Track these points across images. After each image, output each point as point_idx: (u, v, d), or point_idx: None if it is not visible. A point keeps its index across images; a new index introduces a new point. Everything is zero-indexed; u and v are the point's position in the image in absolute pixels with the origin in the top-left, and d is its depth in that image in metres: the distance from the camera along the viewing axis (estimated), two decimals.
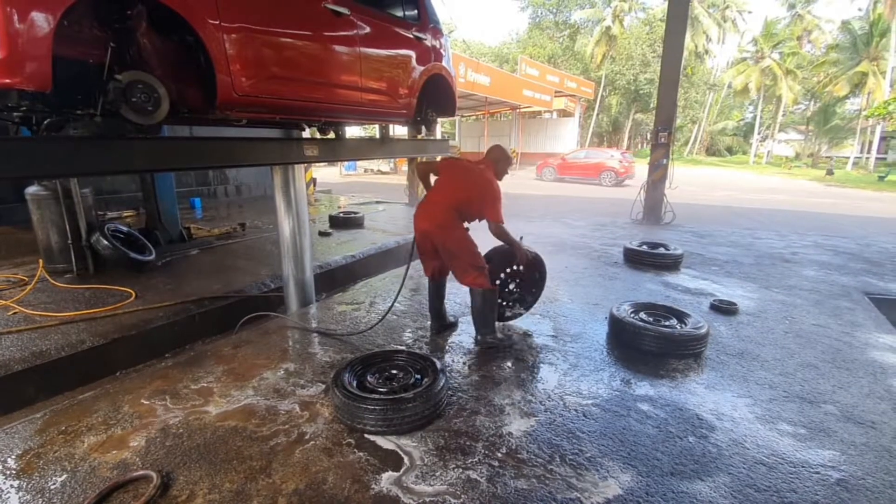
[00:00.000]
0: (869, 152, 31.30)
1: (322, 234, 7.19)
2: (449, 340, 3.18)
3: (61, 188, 4.52)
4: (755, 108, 40.13)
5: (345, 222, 7.80)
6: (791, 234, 7.31)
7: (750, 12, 38.09)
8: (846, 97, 32.37)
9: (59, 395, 3.02)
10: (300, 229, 4.25)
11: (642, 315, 3.22)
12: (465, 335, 3.28)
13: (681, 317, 3.18)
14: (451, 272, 3.09)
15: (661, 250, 5.16)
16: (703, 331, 2.94)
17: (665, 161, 7.80)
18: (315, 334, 3.35)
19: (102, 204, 8.18)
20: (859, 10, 30.55)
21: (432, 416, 2.21)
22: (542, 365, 2.84)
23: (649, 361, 2.88)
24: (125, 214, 7.55)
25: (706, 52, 38.31)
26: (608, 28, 36.25)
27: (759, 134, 38.67)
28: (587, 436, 2.15)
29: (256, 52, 2.67)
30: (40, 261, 4.66)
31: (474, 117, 28.38)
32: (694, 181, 19.05)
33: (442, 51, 4.33)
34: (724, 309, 3.80)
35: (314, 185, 13.36)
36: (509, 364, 2.85)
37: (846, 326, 3.57)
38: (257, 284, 4.67)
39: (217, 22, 2.36)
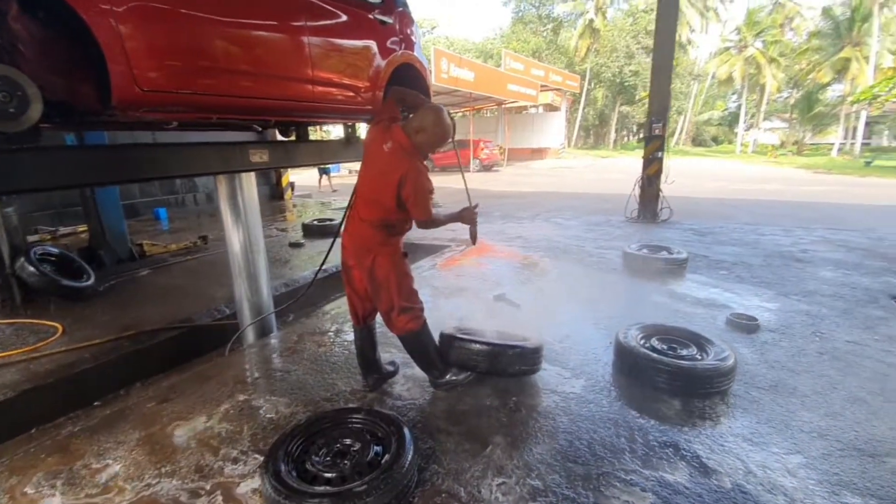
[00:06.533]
0: (853, 138, 31.28)
1: (293, 245, 6.61)
2: (421, 379, 2.63)
3: None
4: (739, 98, 40.11)
5: (319, 231, 7.22)
6: (796, 228, 6.88)
7: (731, 1, 38.08)
8: (829, 84, 32.33)
9: None
10: (252, 245, 3.67)
11: (654, 342, 2.70)
12: None
13: (700, 343, 2.67)
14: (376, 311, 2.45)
15: (664, 254, 4.66)
16: (730, 363, 2.43)
17: (660, 154, 7.33)
18: (262, 378, 2.78)
19: (54, 218, 7.53)
20: None
21: None
22: (538, 415, 2.30)
23: (667, 403, 2.37)
24: (61, 232, 6.86)
25: (689, 42, 38.18)
26: (591, 21, 35.93)
27: (744, 123, 38.61)
28: None
29: (169, 37, 2.09)
30: None
31: (460, 114, 27.85)
32: (684, 172, 18.67)
33: (413, 38, 3.76)
34: (743, 325, 3.30)
35: (292, 190, 12.74)
36: (498, 413, 2.31)
37: (884, 342, 3.10)
38: (210, 311, 4.09)
39: None
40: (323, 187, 15.62)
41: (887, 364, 2.80)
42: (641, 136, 44.32)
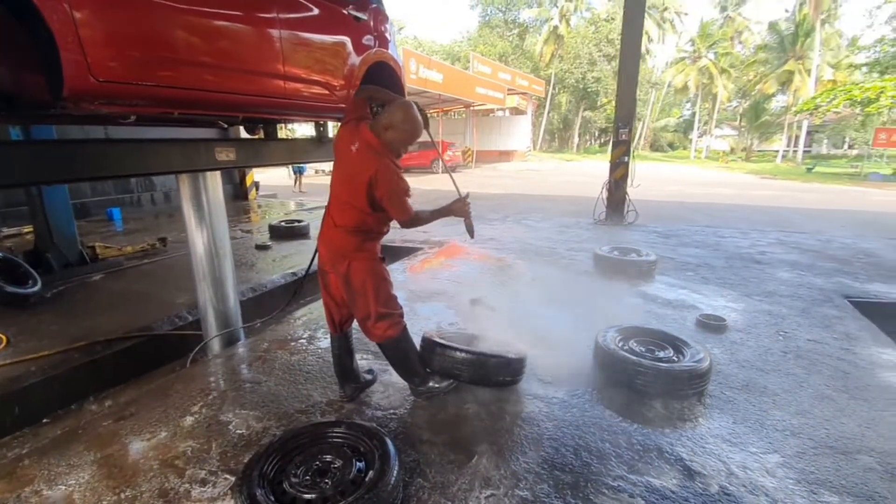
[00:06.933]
0: (796, 146, 33.31)
1: (260, 247, 6.36)
2: (400, 387, 2.54)
3: None
4: (693, 106, 41.92)
5: (287, 232, 6.97)
6: (752, 230, 7.20)
7: (686, 14, 39.78)
8: (774, 95, 34.34)
9: None
10: (217, 247, 3.47)
11: (633, 344, 2.72)
12: None
13: (676, 345, 2.71)
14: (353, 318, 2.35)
15: (633, 256, 4.76)
16: (706, 364, 2.47)
17: (626, 158, 7.52)
18: (231, 391, 2.62)
19: None
20: (786, 10, 32.37)
21: None
22: (522, 421, 2.26)
23: (647, 405, 2.38)
24: (5, 233, 6.34)
25: (647, 51, 39.62)
26: (555, 27, 36.73)
27: (697, 130, 40.38)
28: None
29: (129, 24, 1.94)
30: None
31: (429, 115, 27.82)
32: (644, 176, 19.29)
33: (387, 35, 3.67)
34: (712, 325, 3.40)
35: (256, 190, 12.31)
36: (482, 421, 2.26)
37: (843, 340, 3.25)
38: (170, 318, 3.85)
39: None
40: (296, 187, 15.20)
41: (847, 362, 2.94)
42: (604, 140, 45.69)
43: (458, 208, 2.33)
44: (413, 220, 2.16)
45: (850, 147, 36.87)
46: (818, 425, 2.27)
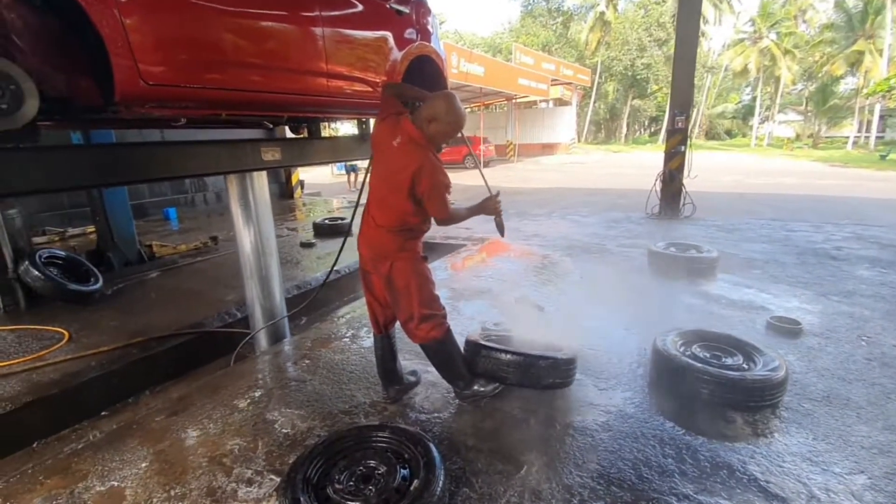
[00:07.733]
0: (868, 131, 30.56)
1: (304, 245, 6.48)
2: (444, 388, 2.46)
3: None
4: (753, 90, 39.32)
5: (330, 230, 7.08)
6: (825, 224, 6.59)
7: None
8: (843, 76, 31.61)
9: None
10: (264, 246, 3.52)
11: (696, 349, 2.51)
12: None
13: (746, 351, 2.47)
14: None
15: (692, 253, 4.43)
16: (782, 374, 2.23)
17: (683, 148, 7.08)
18: (277, 389, 2.63)
19: (63, 219, 7.48)
20: None
21: None
22: (574, 430, 2.13)
23: (714, 417, 2.18)
24: (70, 233, 6.77)
25: (703, 34, 37.44)
26: (602, 13, 35.40)
27: (759, 116, 37.84)
28: None
29: (176, 29, 1.95)
30: None
31: (469, 109, 27.63)
32: (700, 166, 18.31)
33: (429, 27, 3.58)
34: (785, 329, 3.09)
35: (301, 189, 12.63)
36: (530, 429, 2.14)
37: None
38: (220, 315, 3.96)
39: None
40: (351, 185, 15.33)
41: None
42: (654, 129, 43.72)
43: (489, 206, 2.26)
44: (450, 217, 2.09)
45: None
46: None
